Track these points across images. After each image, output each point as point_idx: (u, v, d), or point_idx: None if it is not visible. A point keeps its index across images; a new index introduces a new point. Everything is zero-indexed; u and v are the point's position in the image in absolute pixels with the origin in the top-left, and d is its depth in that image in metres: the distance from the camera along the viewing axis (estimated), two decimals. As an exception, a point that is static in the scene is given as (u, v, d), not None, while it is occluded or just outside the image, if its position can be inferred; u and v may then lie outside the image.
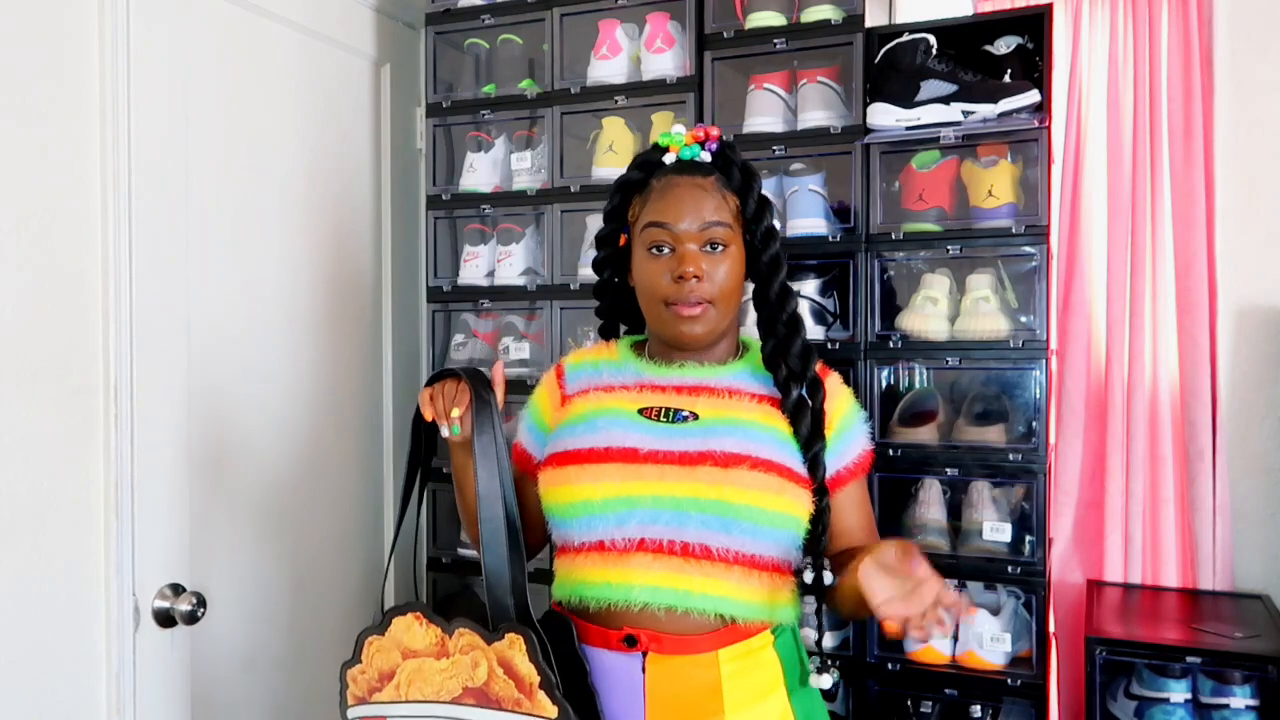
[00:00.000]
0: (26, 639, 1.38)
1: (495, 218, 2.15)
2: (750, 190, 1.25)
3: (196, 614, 1.57)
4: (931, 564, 1.83)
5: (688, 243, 1.21)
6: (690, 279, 1.20)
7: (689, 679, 1.17)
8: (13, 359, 1.37)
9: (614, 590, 1.18)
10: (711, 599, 1.16)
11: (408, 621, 1.23)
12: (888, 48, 1.83)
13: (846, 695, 1.87)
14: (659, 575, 1.16)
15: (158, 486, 1.56)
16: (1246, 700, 1.78)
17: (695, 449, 1.18)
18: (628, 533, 1.18)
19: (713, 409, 1.22)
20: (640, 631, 1.17)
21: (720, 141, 1.28)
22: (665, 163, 1.27)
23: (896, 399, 1.89)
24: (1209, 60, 2.14)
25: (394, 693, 1.24)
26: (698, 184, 1.23)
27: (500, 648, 1.16)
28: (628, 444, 1.20)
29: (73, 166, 1.45)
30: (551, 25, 2.03)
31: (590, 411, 1.26)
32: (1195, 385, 2.14)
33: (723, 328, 1.25)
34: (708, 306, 1.21)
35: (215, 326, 1.69)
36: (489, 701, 1.17)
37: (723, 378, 1.25)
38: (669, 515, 1.16)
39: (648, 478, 1.18)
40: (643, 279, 1.25)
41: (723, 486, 1.16)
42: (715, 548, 1.16)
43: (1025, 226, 1.74)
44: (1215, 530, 2.12)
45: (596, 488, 1.19)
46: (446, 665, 1.21)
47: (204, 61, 1.67)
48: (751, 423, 1.21)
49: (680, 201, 1.22)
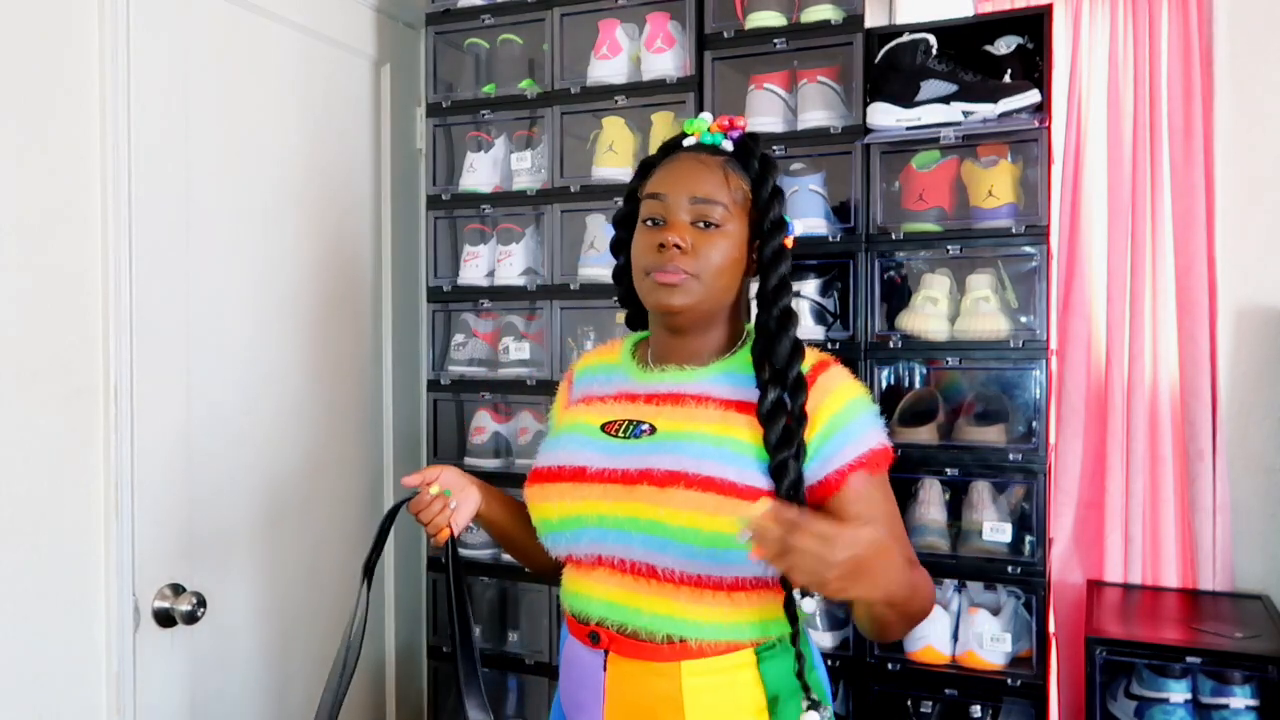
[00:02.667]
0: (26, 639, 1.38)
1: (495, 218, 2.15)
2: (765, 180, 1.21)
3: (196, 614, 1.57)
4: (931, 564, 1.83)
5: (679, 213, 1.18)
6: (671, 247, 1.15)
7: (647, 686, 1.13)
8: (13, 359, 1.37)
9: (580, 600, 1.19)
10: (660, 619, 1.12)
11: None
12: (888, 48, 1.83)
13: (846, 695, 1.87)
14: (614, 592, 1.15)
15: (158, 487, 1.56)
16: (1246, 700, 1.78)
17: (636, 467, 1.14)
18: (585, 549, 1.18)
19: (672, 421, 1.17)
20: (603, 631, 1.17)
21: (744, 133, 1.25)
22: (684, 145, 1.25)
23: (897, 399, 1.89)
24: (1209, 60, 2.14)
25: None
26: (701, 160, 1.21)
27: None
28: (577, 463, 1.19)
29: (73, 166, 1.45)
30: (551, 25, 2.03)
31: (562, 429, 1.27)
32: (1195, 385, 2.14)
33: (706, 307, 1.19)
34: (688, 278, 1.16)
35: (215, 327, 1.69)
36: None
37: (698, 383, 1.20)
38: (614, 535, 1.14)
39: (591, 497, 1.16)
40: (634, 251, 1.22)
41: (658, 507, 1.11)
42: (660, 568, 1.12)
43: (1025, 226, 1.74)
44: (1215, 530, 2.12)
45: (553, 506, 1.20)
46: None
47: (204, 62, 1.67)
48: (703, 435, 1.14)
49: (677, 174, 1.20)
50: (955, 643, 1.78)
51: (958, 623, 1.80)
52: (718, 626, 1.12)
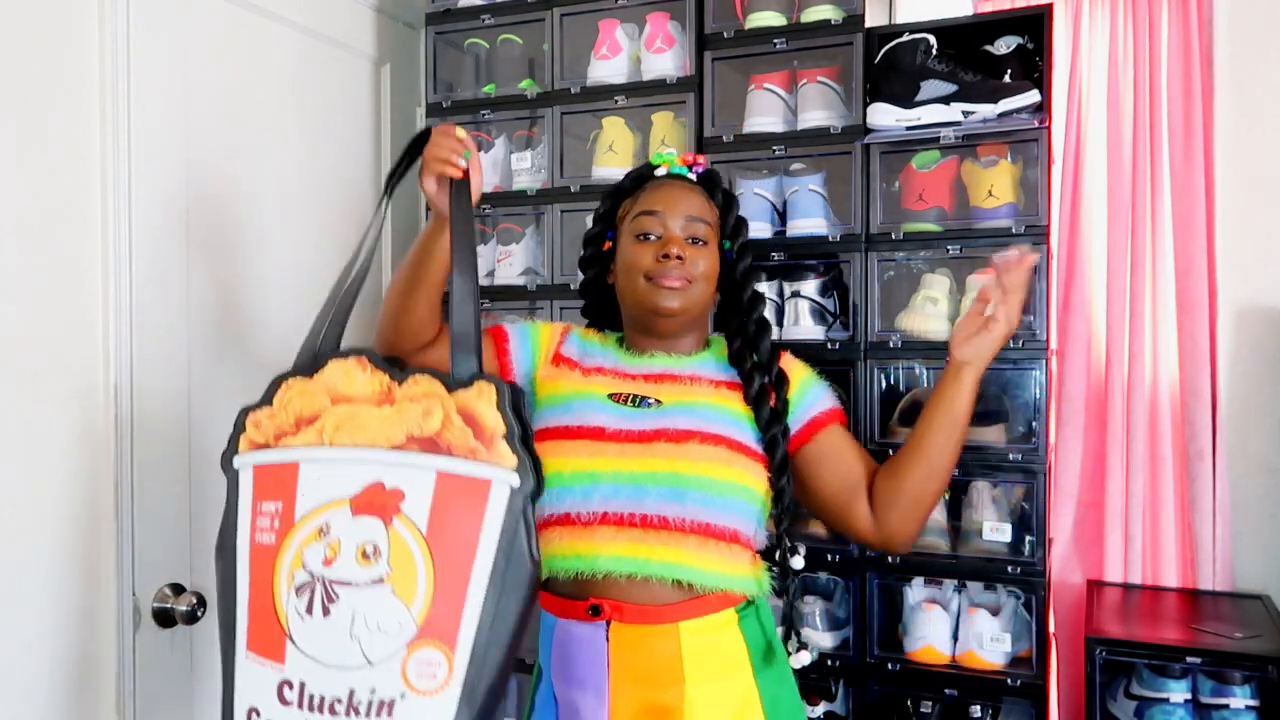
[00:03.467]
0: (27, 639, 1.39)
1: (495, 218, 2.15)
2: (730, 209, 1.39)
3: (196, 614, 1.57)
4: (931, 564, 1.84)
5: (674, 228, 1.33)
6: (674, 257, 1.31)
7: (650, 648, 1.22)
8: (14, 359, 1.37)
9: (581, 561, 1.24)
10: (670, 565, 1.22)
11: (347, 366, 1.18)
12: (888, 48, 1.83)
13: (847, 695, 1.87)
14: (622, 546, 1.23)
15: (158, 487, 1.56)
16: (1246, 700, 1.78)
17: (652, 428, 1.27)
18: (592, 506, 1.24)
19: (674, 395, 1.31)
20: (604, 601, 1.23)
21: (707, 169, 1.41)
22: (657, 175, 1.39)
23: (897, 399, 1.89)
24: (1209, 60, 2.14)
25: (313, 437, 1.17)
26: (687, 186, 1.37)
27: (464, 397, 1.13)
28: (595, 423, 1.28)
29: (73, 166, 1.45)
30: (551, 25, 2.03)
31: (568, 394, 1.34)
32: (1195, 385, 2.14)
33: (695, 312, 1.35)
34: (687, 284, 1.32)
35: (215, 326, 1.69)
36: (437, 449, 1.12)
37: (687, 367, 1.35)
38: (629, 490, 1.24)
39: (610, 455, 1.26)
40: (628, 262, 1.34)
41: (675, 460, 1.24)
42: (671, 517, 1.23)
43: (1025, 226, 1.74)
44: (1215, 530, 2.12)
45: (567, 462, 1.26)
46: (389, 412, 1.14)
47: (204, 62, 1.67)
48: (706, 404, 1.31)
49: (672, 195, 1.35)
50: (955, 643, 1.78)
51: (958, 623, 1.80)
52: (718, 575, 1.24)
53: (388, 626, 1.10)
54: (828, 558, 1.84)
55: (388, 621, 1.10)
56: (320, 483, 1.16)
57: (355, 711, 1.10)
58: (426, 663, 1.09)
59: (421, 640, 1.09)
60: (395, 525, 1.12)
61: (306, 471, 1.16)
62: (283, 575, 1.16)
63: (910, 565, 1.81)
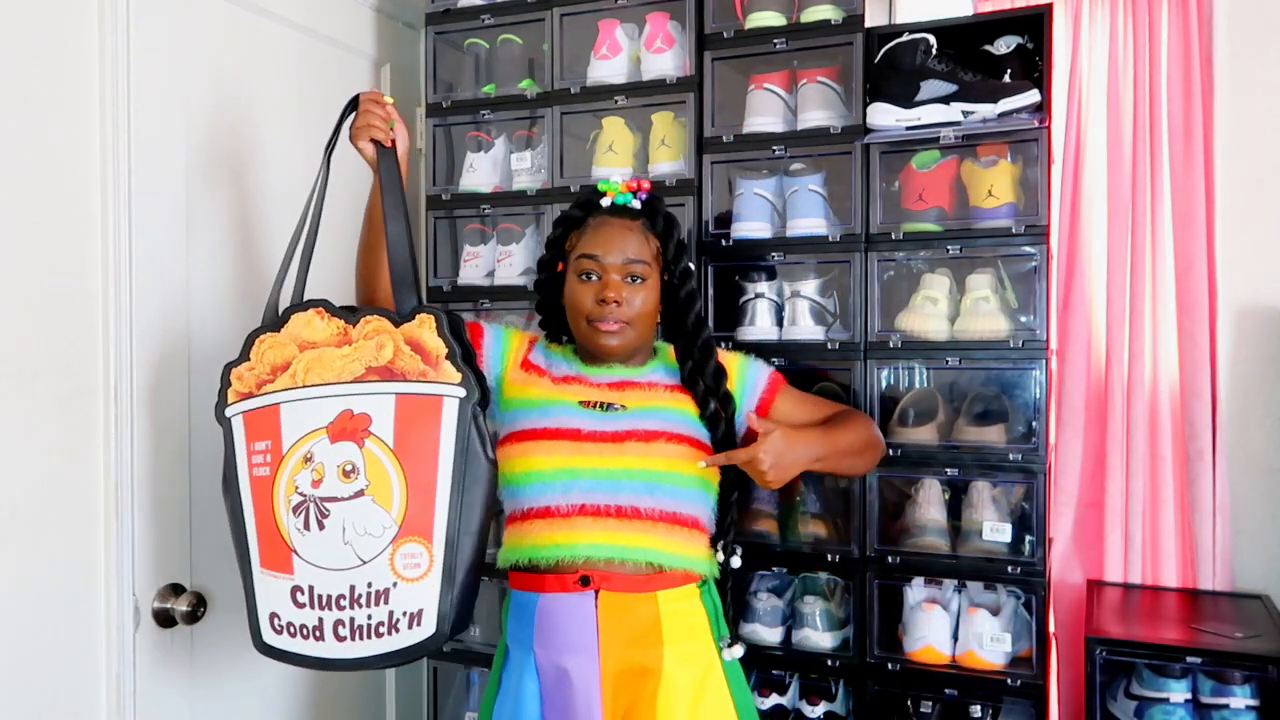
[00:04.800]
0: (26, 639, 1.39)
1: (495, 218, 2.15)
2: (670, 236, 1.49)
3: (196, 614, 1.57)
4: (931, 564, 1.84)
5: (612, 273, 1.45)
6: (611, 303, 1.43)
7: (634, 612, 1.39)
8: (13, 359, 1.37)
9: (561, 549, 1.40)
10: (643, 550, 1.40)
11: (307, 317, 1.37)
12: (888, 48, 1.83)
13: (847, 695, 1.87)
14: (600, 535, 1.39)
15: (158, 487, 1.56)
16: (1246, 700, 1.78)
17: (622, 429, 1.43)
18: (571, 499, 1.40)
19: (637, 400, 1.47)
20: (593, 573, 1.39)
21: (650, 194, 1.51)
22: (602, 205, 1.50)
23: (897, 399, 1.89)
24: (1209, 60, 2.14)
25: (288, 381, 1.35)
26: (626, 225, 1.48)
27: (410, 328, 1.33)
28: (572, 425, 1.43)
29: (73, 166, 1.45)
30: (551, 25, 2.02)
31: (541, 399, 1.48)
32: (1195, 385, 2.14)
33: (637, 344, 1.49)
34: (624, 326, 1.45)
35: (215, 326, 1.69)
36: (393, 376, 1.32)
37: (643, 375, 1.51)
38: (606, 485, 1.40)
39: (588, 453, 1.42)
40: (572, 300, 1.48)
41: (646, 458, 1.42)
42: (644, 508, 1.40)
43: (1025, 226, 1.74)
44: (1215, 530, 2.12)
45: (549, 460, 1.42)
46: (348, 351, 1.34)
47: (204, 62, 1.67)
48: (666, 408, 1.47)
49: (609, 239, 1.46)
50: (955, 643, 1.78)
51: (958, 623, 1.80)
52: (683, 558, 1.43)
53: (373, 529, 1.30)
54: (828, 558, 1.84)
55: (373, 525, 1.30)
56: (300, 418, 1.34)
57: (357, 603, 1.30)
58: (410, 555, 1.30)
59: (404, 537, 1.30)
60: (368, 445, 1.31)
61: (287, 411, 1.35)
62: (280, 500, 1.34)
63: (910, 565, 1.80)
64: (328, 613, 1.31)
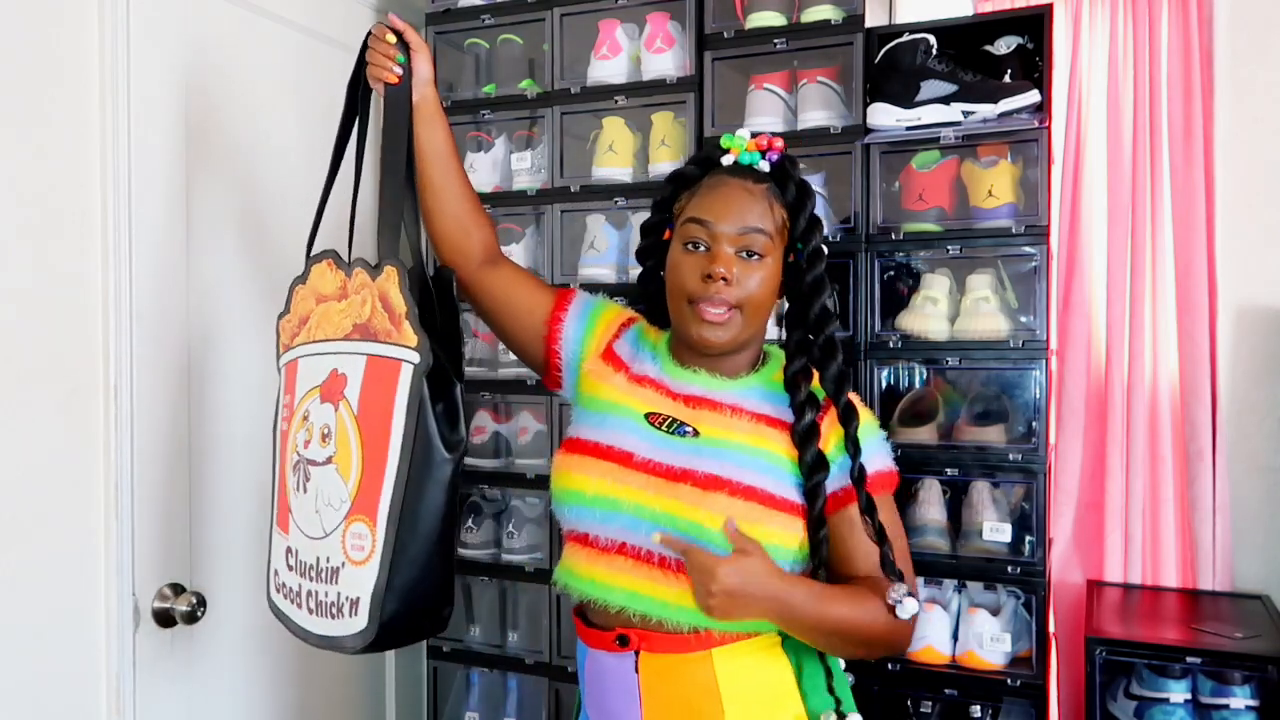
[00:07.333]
0: (26, 639, 1.38)
1: (495, 218, 2.13)
2: (802, 208, 1.22)
3: (196, 614, 1.57)
4: (931, 564, 1.83)
5: (724, 243, 1.18)
6: (718, 279, 1.17)
7: (683, 677, 1.15)
8: (13, 359, 1.37)
9: (597, 588, 1.18)
10: (686, 611, 1.14)
11: (321, 268, 1.30)
12: (888, 48, 1.83)
13: (846, 695, 1.87)
14: (638, 582, 1.15)
15: (158, 487, 1.56)
16: (1246, 700, 1.78)
17: (680, 465, 1.17)
18: (610, 533, 1.17)
19: (712, 426, 1.19)
20: (631, 631, 1.16)
21: (782, 155, 1.24)
22: (723, 163, 1.24)
23: (897, 399, 1.89)
24: (1209, 60, 2.14)
25: (305, 335, 1.29)
26: (747, 188, 1.21)
27: (380, 282, 1.21)
28: (625, 446, 1.19)
29: (73, 166, 1.45)
30: (551, 25, 2.02)
31: (606, 404, 1.25)
32: (1195, 385, 2.14)
33: (744, 338, 1.22)
34: (733, 312, 1.18)
35: (215, 326, 1.69)
36: (369, 335, 1.21)
37: (730, 392, 1.22)
38: (648, 525, 1.15)
39: (634, 484, 1.17)
40: (673, 274, 1.22)
41: (698, 510, 1.14)
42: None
43: (1025, 226, 1.74)
44: (1215, 530, 2.12)
45: (590, 480, 1.19)
46: (344, 305, 1.25)
47: (204, 61, 1.67)
48: (743, 446, 1.18)
49: (725, 201, 1.20)
50: (955, 643, 1.78)
51: (958, 623, 1.80)
52: (740, 626, 1.15)
53: (334, 501, 1.20)
54: (828, 558, 1.84)
55: (334, 497, 1.20)
56: (306, 374, 1.27)
57: (319, 577, 1.21)
58: (357, 535, 1.18)
59: (354, 515, 1.18)
60: (340, 409, 1.21)
61: (301, 366, 1.29)
62: (289, 458, 1.28)
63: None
64: (305, 581, 1.23)
